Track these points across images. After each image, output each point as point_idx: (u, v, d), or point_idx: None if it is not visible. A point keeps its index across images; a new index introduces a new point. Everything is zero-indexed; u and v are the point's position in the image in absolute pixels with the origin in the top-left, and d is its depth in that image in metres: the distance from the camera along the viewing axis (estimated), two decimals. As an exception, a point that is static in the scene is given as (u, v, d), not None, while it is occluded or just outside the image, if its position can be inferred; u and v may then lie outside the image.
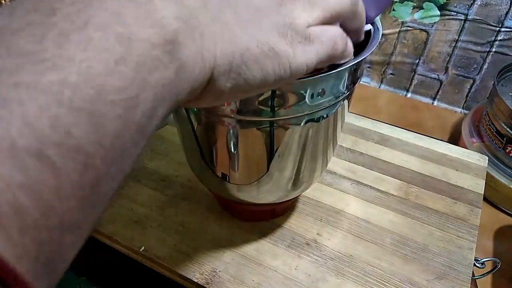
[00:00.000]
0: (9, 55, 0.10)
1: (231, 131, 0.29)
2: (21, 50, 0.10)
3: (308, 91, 0.26)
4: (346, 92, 0.28)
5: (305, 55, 0.19)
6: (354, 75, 0.28)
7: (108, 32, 0.12)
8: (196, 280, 0.37)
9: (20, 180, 0.09)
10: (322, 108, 0.28)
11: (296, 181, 0.34)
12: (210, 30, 0.16)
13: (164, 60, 0.13)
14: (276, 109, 0.26)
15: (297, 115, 0.27)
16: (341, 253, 0.40)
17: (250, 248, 0.40)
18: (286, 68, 0.19)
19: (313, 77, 0.24)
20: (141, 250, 0.40)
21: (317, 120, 0.29)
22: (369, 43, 0.27)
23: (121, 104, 0.12)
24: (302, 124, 0.29)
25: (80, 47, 0.11)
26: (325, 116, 0.29)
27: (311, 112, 0.28)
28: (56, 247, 0.11)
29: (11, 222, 0.09)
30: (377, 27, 0.29)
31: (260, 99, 0.26)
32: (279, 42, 0.18)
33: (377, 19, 0.30)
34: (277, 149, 0.30)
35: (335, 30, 0.21)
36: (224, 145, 0.30)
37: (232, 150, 0.31)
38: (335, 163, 0.51)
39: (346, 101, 0.31)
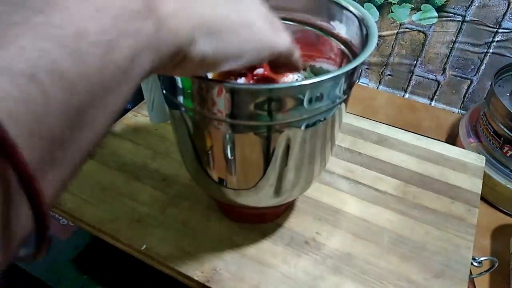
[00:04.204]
0: (4, 2, 0.12)
1: (227, 135, 0.29)
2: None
3: (306, 95, 0.26)
4: (343, 95, 0.29)
5: (279, 36, 0.23)
6: (351, 79, 0.29)
7: None
8: (196, 278, 0.38)
9: (15, 95, 0.11)
10: (320, 112, 0.28)
11: (294, 184, 0.35)
12: None
13: (143, 13, 0.15)
14: (273, 113, 0.27)
15: (295, 119, 0.28)
16: (339, 252, 0.41)
17: (250, 247, 0.41)
18: (261, 39, 0.21)
19: (312, 81, 0.25)
20: (142, 248, 0.40)
21: (315, 124, 0.29)
22: (365, 47, 0.28)
23: (100, 45, 0.13)
24: (299, 128, 0.29)
25: None
26: (322, 119, 0.29)
27: (309, 116, 0.28)
28: (50, 158, 0.13)
29: (8, 128, 0.11)
30: (374, 32, 0.30)
31: (257, 103, 0.26)
32: (258, 19, 0.21)
33: (374, 23, 0.30)
34: (274, 153, 0.30)
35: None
36: (221, 150, 0.31)
37: (229, 154, 0.31)
38: (334, 163, 0.51)
39: (343, 104, 0.31)
